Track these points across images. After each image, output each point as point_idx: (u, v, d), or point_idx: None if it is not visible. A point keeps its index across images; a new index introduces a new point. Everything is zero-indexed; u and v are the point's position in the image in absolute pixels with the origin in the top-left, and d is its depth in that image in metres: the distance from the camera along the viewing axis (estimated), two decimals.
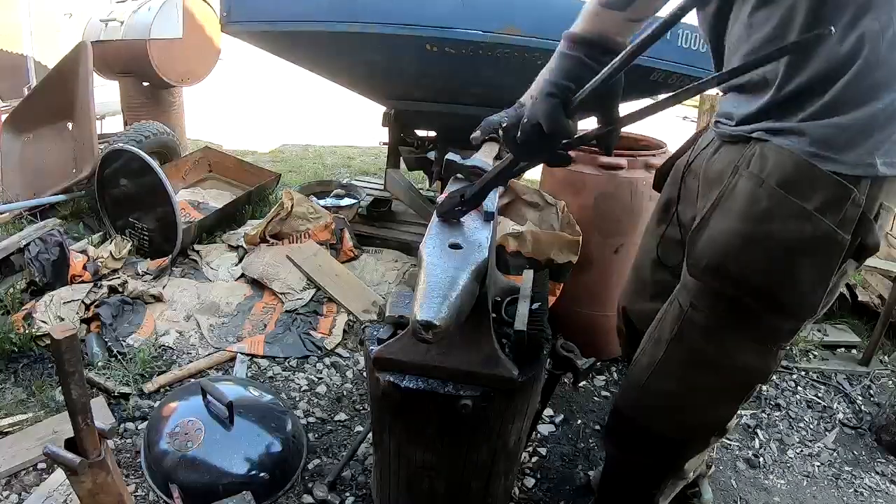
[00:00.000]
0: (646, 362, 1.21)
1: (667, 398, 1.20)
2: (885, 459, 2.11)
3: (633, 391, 1.27)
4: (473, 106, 2.77)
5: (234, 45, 3.47)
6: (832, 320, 2.97)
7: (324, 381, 2.21)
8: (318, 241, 2.89)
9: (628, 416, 1.29)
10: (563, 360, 1.37)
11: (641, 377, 1.22)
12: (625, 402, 1.32)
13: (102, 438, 1.09)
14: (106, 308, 2.34)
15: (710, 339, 1.08)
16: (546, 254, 2.15)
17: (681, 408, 1.19)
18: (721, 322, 1.06)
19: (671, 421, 1.22)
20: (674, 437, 1.24)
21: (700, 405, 1.17)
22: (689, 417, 1.20)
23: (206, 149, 3.99)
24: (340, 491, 1.72)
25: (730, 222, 0.99)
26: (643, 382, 1.22)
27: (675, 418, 1.21)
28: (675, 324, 1.13)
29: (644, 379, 1.21)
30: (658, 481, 1.38)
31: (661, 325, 1.18)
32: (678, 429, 1.23)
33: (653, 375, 1.19)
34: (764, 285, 0.98)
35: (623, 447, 1.36)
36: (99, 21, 4.59)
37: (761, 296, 0.99)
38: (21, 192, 3.30)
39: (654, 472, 1.36)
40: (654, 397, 1.22)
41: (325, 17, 2.49)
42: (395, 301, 1.38)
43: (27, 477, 1.68)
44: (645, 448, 1.28)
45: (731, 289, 1.01)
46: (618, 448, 1.38)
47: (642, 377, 1.22)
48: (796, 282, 0.96)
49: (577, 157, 2.33)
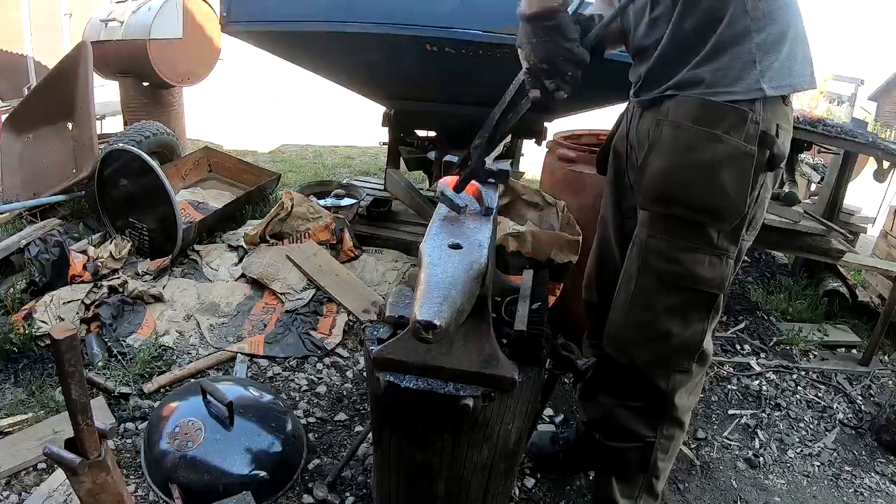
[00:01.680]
0: (621, 301, 1.38)
1: (644, 328, 1.34)
2: (885, 459, 2.11)
3: (615, 330, 1.41)
4: (473, 106, 2.77)
5: (234, 45, 3.47)
6: (832, 320, 2.97)
7: (324, 381, 2.21)
8: (318, 241, 2.90)
9: (614, 357, 1.41)
10: (563, 360, 1.37)
11: (619, 316, 1.38)
12: (610, 343, 1.43)
13: (102, 438, 1.09)
14: (106, 308, 2.34)
15: (670, 259, 1.27)
16: (546, 254, 2.15)
17: (658, 335, 1.32)
18: (675, 242, 1.26)
19: (652, 350, 1.35)
20: (657, 367, 1.37)
21: (675, 328, 1.31)
22: (667, 343, 1.33)
23: (206, 149, 3.99)
24: (340, 491, 1.72)
25: (663, 160, 1.23)
26: (622, 319, 1.37)
27: (654, 347, 1.34)
28: (639, 257, 1.31)
29: (622, 317, 1.37)
30: (653, 433, 1.43)
31: (629, 265, 1.35)
32: (660, 357, 1.35)
33: (629, 309, 1.35)
34: (699, 198, 1.20)
35: (616, 393, 1.44)
36: (99, 21, 4.59)
37: (701, 208, 1.21)
38: (21, 192, 3.30)
39: (650, 418, 1.42)
40: (634, 330, 1.36)
41: (325, 17, 2.49)
42: (395, 301, 1.38)
43: (27, 477, 1.67)
44: (636, 388, 1.40)
45: (677, 209, 1.23)
46: (613, 396, 1.45)
47: (620, 316, 1.38)
48: (725, 189, 1.18)
49: (577, 157, 2.33)
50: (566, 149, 2.34)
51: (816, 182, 3.89)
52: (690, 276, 1.25)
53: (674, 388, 1.39)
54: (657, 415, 1.41)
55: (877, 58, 13.44)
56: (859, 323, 2.98)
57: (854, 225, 3.50)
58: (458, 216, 1.17)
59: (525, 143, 3.65)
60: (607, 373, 1.44)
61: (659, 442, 1.44)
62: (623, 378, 1.41)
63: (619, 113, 1.55)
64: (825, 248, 2.84)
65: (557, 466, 1.88)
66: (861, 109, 12.88)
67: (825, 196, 3.22)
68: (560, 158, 2.36)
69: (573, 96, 1.22)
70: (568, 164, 2.32)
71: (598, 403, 1.50)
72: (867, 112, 13.76)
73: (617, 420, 1.44)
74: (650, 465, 1.46)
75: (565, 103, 1.41)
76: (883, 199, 4.47)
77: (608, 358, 1.43)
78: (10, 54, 6.19)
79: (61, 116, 3.38)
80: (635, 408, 1.42)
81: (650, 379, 1.38)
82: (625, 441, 1.46)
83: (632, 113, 1.40)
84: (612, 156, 1.51)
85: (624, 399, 1.43)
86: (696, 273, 1.25)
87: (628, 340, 1.37)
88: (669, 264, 1.26)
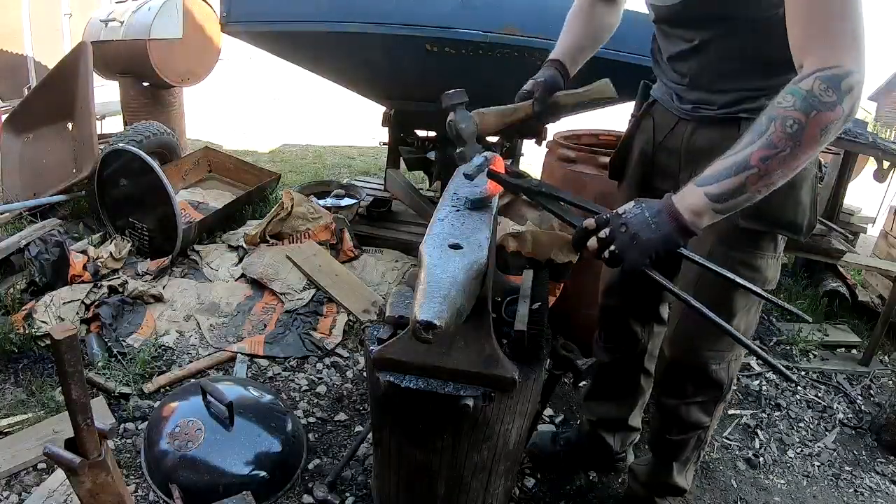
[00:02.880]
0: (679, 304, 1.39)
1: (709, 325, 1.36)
2: (886, 459, 2.11)
3: (688, 335, 1.42)
4: (473, 106, 2.77)
5: (234, 45, 3.47)
6: (832, 320, 2.97)
7: (324, 382, 2.21)
8: (318, 241, 2.90)
9: (680, 359, 1.45)
10: (563, 360, 1.37)
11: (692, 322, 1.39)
12: (679, 347, 1.45)
13: (102, 438, 1.09)
14: (106, 308, 2.34)
15: (753, 268, 1.33)
16: (546, 254, 2.14)
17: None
18: (756, 252, 1.32)
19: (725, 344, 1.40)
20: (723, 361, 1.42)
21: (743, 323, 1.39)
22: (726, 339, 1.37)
23: (206, 149, 3.98)
24: (340, 491, 1.72)
25: None
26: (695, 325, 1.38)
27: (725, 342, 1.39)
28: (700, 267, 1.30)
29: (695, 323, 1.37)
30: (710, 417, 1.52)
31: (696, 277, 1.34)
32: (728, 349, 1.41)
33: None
34: (788, 215, 1.27)
35: (679, 394, 1.49)
36: (99, 21, 4.59)
37: (787, 225, 1.28)
38: (21, 192, 3.30)
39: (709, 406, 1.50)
40: (709, 331, 1.36)
41: (325, 17, 2.49)
42: (395, 301, 1.38)
43: (27, 477, 1.67)
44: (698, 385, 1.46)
45: (765, 225, 1.28)
46: (675, 396, 1.50)
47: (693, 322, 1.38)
48: (805, 207, 1.27)
49: (577, 157, 2.33)
50: (566, 149, 2.34)
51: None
52: (763, 279, 1.35)
53: (732, 376, 1.48)
54: (715, 401, 1.50)
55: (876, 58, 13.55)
56: (859, 323, 2.98)
57: (854, 225, 3.50)
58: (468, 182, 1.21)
59: (525, 143, 3.65)
60: (669, 376, 1.50)
61: (711, 422, 1.54)
62: (686, 378, 1.47)
63: (614, 114, 1.55)
64: (825, 248, 2.84)
65: (557, 466, 1.88)
66: (861, 109, 12.87)
67: (825, 196, 3.23)
68: (560, 158, 2.35)
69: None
70: (568, 164, 2.32)
71: (659, 405, 1.57)
72: (867, 112, 13.77)
73: (681, 417, 1.51)
74: (704, 441, 1.59)
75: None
76: (883, 199, 4.46)
77: (673, 362, 1.47)
78: (10, 54, 6.18)
79: (61, 116, 3.38)
80: (698, 402, 1.49)
81: (712, 375, 1.44)
82: (688, 432, 1.53)
83: (672, 124, 1.39)
84: (637, 162, 1.50)
85: (687, 398, 1.49)
86: (767, 276, 1.36)
87: (703, 340, 1.41)
88: (752, 272, 1.33)
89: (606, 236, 1.02)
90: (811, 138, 0.93)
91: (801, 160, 0.95)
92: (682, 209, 0.99)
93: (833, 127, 0.93)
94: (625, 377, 1.76)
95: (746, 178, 0.95)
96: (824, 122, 0.92)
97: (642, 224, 1.00)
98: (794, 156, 0.94)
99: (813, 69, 0.94)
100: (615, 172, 1.60)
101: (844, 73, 0.92)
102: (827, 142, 0.96)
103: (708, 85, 1.28)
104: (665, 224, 0.99)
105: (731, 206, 0.98)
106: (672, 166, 1.40)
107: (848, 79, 0.92)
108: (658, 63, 1.42)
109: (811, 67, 0.94)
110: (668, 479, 1.62)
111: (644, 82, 1.53)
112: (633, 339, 1.69)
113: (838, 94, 0.91)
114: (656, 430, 1.61)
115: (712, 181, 0.97)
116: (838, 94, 0.91)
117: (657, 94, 1.45)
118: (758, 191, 0.97)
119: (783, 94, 0.96)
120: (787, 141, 0.93)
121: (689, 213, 0.99)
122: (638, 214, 1.01)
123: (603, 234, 1.02)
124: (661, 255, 1.00)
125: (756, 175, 0.95)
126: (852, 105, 0.93)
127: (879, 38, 18.48)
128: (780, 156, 0.94)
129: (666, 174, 1.42)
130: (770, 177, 0.95)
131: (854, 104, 0.94)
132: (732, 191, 0.96)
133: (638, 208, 1.02)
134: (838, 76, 0.92)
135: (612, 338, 1.73)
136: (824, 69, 0.93)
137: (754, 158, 0.94)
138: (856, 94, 0.93)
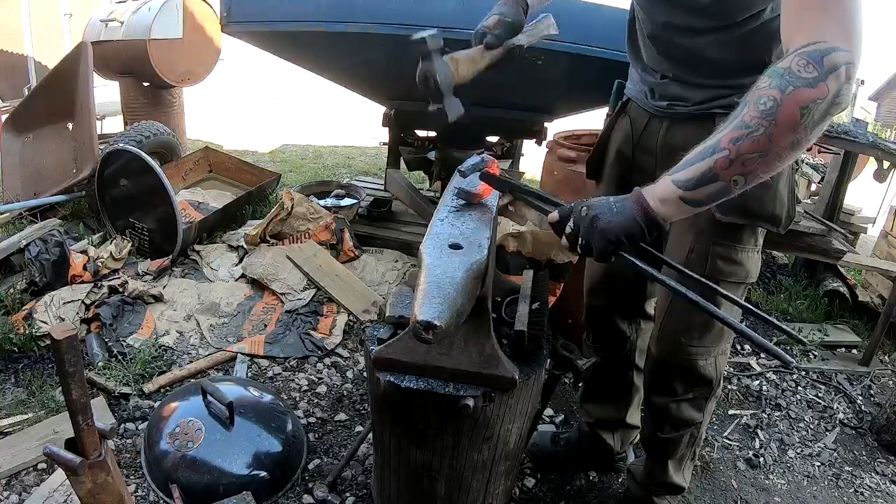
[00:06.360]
0: (680, 305, 1.36)
1: (705, 325, 1.38)
2: (886, 459, 2.11)
3: (673, 333, 1.42)
4: (473, 106, 2.76)
5: (234, 45, 3.47)
6: (832, 320, 2.97)
7: (324, 382, 2.21)
8: (318, 241, 2.90)
9: (667, 358, 1.45)
10: (563, 360, 1.37)
11: (679, 320, 1.39)
12: (666, 345, 1.44)
13: (102, 438, 1.09)
14: (106, 308, 2.34)
15: (734, 262, 1.33)
16: (546, 254, 2.15)
17: (718, 327, 1.38)
18: (737, 246, 1.32)
19: (710, 340, 1.40)
20: (709, 356, 1.43)
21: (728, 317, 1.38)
22: (721, 332, 1.40)
23: (206, 149, 3.98)
24: (340, 491, 1.72)
25: None
26: (682, 323, 1.39)
27: (711, 337, 1.39)
28: (704, 263, 1.32)
29: (682, 320, 1.39)
30: (702, 413, 1.52)
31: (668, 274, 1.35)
32: (713, 345, 1.41)
33: (693, 312, 1.32)
34: (766, 208, 1.26)
35: (668, 391, 1.49)
36: (99, 21, 4.59)
37: (768, 217, 1.28)
38: (21, 192, 3.30)
39: (699, 402, 1.50)
40: (695, 328, 1.38)
41: (325, 17, 2.49)
42: (395, 301, 1.38)
43: (27, 477, 1.67)
44: (687, 383, 1.46)
45: (746, 219, 1.28)
46: (665, 394, 1.50)
47: (680, 320, 1.39)
48: (783, 199, 1.27)
49: (577, 157, 2.33)
50: (566, 149, 2.34)
51: (816, 182, 3.89)
52: (745, 273, 1.36)
53: (720, 371, 1.48)
54: (705, 398, 1.50)
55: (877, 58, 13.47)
56: (859, 323, 2.98)
57: (854, 225, 3.50)
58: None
59: (525, 143, 3.65)
60: (657, 375, 1.50)
61: (704, 417, 1.54)
62: (674, 376, 1.47)
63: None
64: (825, 248, 2.83)
65: (557, 466, 1.88)
66: (861, 109, 12.87)
67: (825, 196, 3.23)
68: (560, 158, 2.36)
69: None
70: (568, 163, 2.32)
71: (649, 404, 1.56)
72: (867, 112, 13.75)
73: (672, 415, 1.51)
74: (698, 438, 1.58)
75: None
76: (883, 199, 4.47)
77: (660, 360, 1.47)
78: (10, 54, 6.19)
79: (61, 116, 3.38)
80: (688, 399, 1.49)
81: (700, 371, 1.44)
82: (680, 429, 1.53)
83: (644, 123, 1.40)
84: (615, 160, 1.51)
85: (676, 395, 1.49)
86: (750, 269, 1.36)
87: (689, 337, 1.41)
88: (734, 266, 1.34)
89: (572, 229, 1.01)
90: (789, 117, 0.84)
91: (780, 144, 0.86)
92: (648, 196, 0.96)
93: (817, 107, 0.84)
94: (617, 376, 1.76)
95: (715, 161, 0.88)
96: (803, 100, 0.83)
97: (604, 207, 0.98)
98: (769, 137, 0.85)
99: (796, 47, 0.87)
100: (593, 172, 1.60)
101: (828, 48, 0.84)
102: (814, 126, 0.85)
103: (687, 78, 1.27)
104: (628, 209, 0.96)
105: (703, 197, 0.91)
106: (649, 165, 1.40)
107: (832, 55, 0.83)
108: (636, 55, 1.39)
109: (795, 46, 0.88)
110: (664, 478, 1.62)
111: (619, 81, 1.52)
112: (620, 337, 1.69)
113: (819, 70, 0.83)
114: (649, 429, 1.61)
115: (681, 168, 0.93)
116: (819, 69, 0.83)
117: (631, 92, 1.45)
118: (732, 179, 0.89)
119: (762, 77, 0.89)
120: (759, 120, 0.85)
121: (653, 199, 0.95)
122: (602, 202, 0.99)
123: (569, 228, 1.01)
124: (624, 241, 0.96)
125: (726, 158, 0.88)
126: (839, 85, 0.84)
127: (880, 38, 18.47)
128: (753, 136, 0.86)
129: (644, 173, 1.41)
130: (744, 163, 0.87)
131: (842, 85, 0.84)
132: (700, 176, 0.90)
133: (604, 198, 1.01)
134: (819, 51, 0.84)
135: (599, 337, 1.73)
136: (807, 45, 0.85)
137: (724, 140, 0.88)
138: (843, 73, 0.84)
